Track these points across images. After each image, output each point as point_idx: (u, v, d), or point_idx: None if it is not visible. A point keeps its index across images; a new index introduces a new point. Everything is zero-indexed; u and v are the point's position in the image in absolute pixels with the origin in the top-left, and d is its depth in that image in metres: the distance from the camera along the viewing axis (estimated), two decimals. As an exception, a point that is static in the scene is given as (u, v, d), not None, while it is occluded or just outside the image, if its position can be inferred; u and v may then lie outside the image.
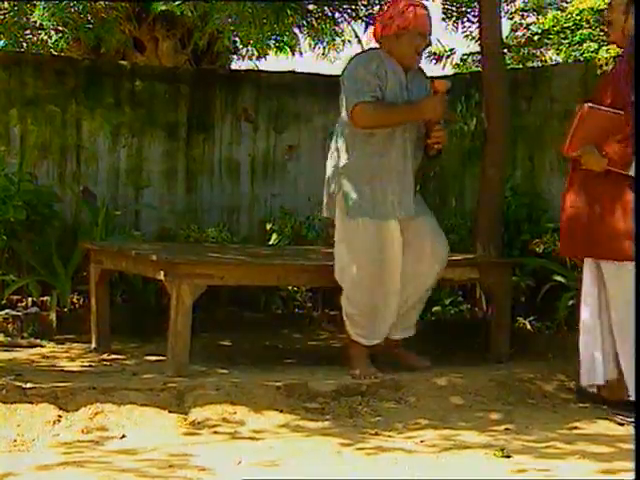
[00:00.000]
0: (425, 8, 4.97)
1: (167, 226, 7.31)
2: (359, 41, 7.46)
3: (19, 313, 6.29)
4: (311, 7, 6.91)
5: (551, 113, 6.65)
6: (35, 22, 6.67)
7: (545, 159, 6.66)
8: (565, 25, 10.32)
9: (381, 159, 4.93)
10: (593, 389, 4.53)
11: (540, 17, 10.66)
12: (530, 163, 6.71)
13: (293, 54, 9.26)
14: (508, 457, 3.73)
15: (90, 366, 5.35)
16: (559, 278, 5.86)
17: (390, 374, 4.85)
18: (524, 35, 10.16)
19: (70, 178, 7.16)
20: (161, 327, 5.25)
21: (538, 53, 10.40)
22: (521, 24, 10.58)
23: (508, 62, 8.69)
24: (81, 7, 6.34)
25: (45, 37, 9.04)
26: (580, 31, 10.45)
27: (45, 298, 6.48)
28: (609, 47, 10.32)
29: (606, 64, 6.59)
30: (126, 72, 7.43)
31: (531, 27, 10.61)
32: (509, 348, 5.47)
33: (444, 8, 7.21)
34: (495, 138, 5.78)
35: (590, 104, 4.37)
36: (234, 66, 10.34)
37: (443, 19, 7.23)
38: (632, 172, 4.25)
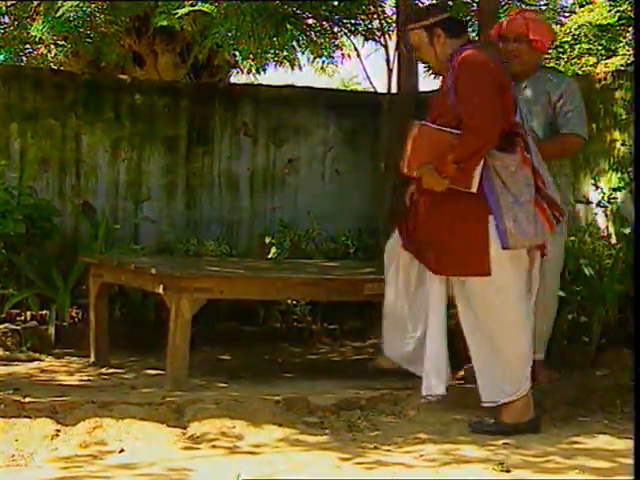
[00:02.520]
0: (519, 14, 5.13)
1: (166, 240, 7.31)
2: (358, 55, 7.46)
3: (18, 327, 6.28)
4: (310, 21, 6.93)
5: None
6: (35, 36, 6.67)
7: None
8: (564, 40, 10.35)
9: None
10: (434, 398, 4.45)
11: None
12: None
13: (292, 68, 9.27)
14: (507, 471, 3.72)
15: (89, 380, 5.35)
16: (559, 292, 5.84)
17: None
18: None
19: (70, 192, 7.16)
20: (160, 341, 5.26)
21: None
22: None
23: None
24: (81, 21, 6.35)
25: (45, 51, 9.06)
26: (579, 45, 10.48)
27: (44, 312, 6.48)
28: (607, 61, 10.36)
29: (605, 78, 6.60)
30: (126, 86, 7.44)
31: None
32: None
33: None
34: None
35: (422, 122, 4.32)
36: (233, 80, 10.36)
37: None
38: (474, 189, 4.17)
